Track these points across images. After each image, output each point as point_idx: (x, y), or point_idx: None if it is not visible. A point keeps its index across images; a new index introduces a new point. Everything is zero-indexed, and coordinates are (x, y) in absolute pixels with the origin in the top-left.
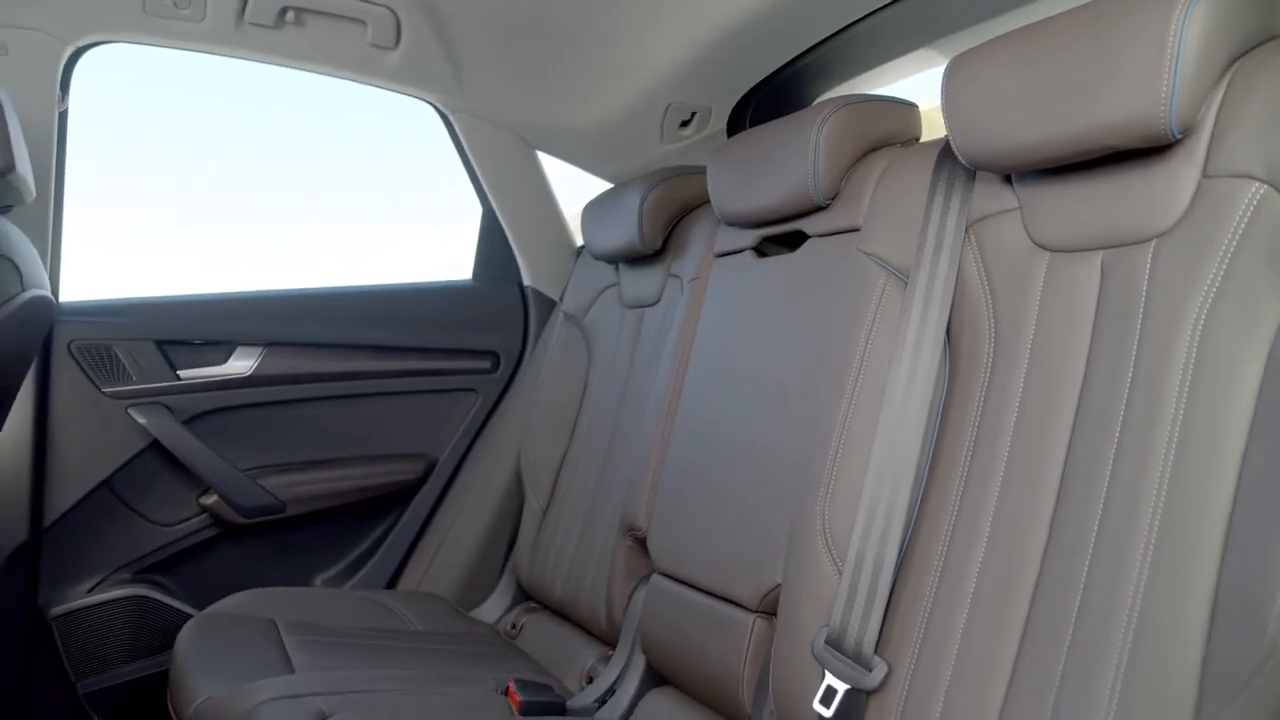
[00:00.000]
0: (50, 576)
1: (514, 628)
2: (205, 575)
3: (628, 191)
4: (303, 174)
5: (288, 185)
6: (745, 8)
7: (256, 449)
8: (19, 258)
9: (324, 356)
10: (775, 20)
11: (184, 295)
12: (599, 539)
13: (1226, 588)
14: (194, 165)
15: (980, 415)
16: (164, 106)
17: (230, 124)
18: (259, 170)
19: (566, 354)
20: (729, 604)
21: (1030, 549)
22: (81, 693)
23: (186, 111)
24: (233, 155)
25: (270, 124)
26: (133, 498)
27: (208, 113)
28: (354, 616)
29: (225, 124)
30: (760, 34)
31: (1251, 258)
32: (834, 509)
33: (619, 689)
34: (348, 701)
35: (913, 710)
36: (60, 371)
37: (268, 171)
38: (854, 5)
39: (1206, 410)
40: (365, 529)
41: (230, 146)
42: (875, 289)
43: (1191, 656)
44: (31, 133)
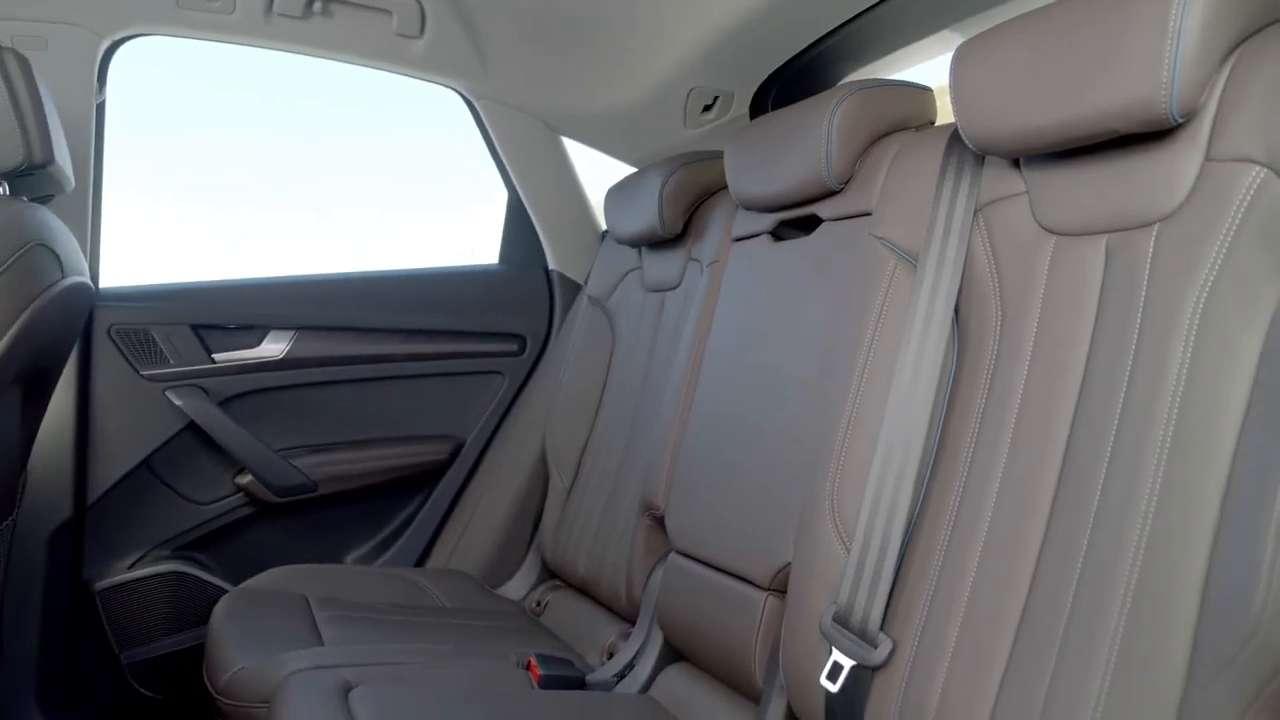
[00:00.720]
0: (94, 552)
1: (539, 605)
2: (241, 552)
3: (649, 176)
4: (308, 156)
5: (295, 167)
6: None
7: (289, 430)
8: (59, 246)
9: (354, 340)
10: (796, 4)
11: (218, 281)
12: (620, 519)
13: (1218, 567)
14: (213, 151)
15: (986, 396)
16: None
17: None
18: (270, 152)
19: (591, 337)
20: (742, 582)
21: (1032, 528)
22: (125, 663)
23: (208, 99)
24: (244, 137)
25: (274, 107)
26: (171, 477)
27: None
28: (383, 593)
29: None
30: (781, 18)
31: (1250, 241)
32: (842, 489)
33: (637, 664)
34: (373, 673)
35: (916, 686)
36: (101, 355)
37: (278, 153)
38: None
39: (1204, 392)
40: (395, 508)
41: (242, 129)
42: (885, 272)
43: (1183, 633)
44: (70, 124)
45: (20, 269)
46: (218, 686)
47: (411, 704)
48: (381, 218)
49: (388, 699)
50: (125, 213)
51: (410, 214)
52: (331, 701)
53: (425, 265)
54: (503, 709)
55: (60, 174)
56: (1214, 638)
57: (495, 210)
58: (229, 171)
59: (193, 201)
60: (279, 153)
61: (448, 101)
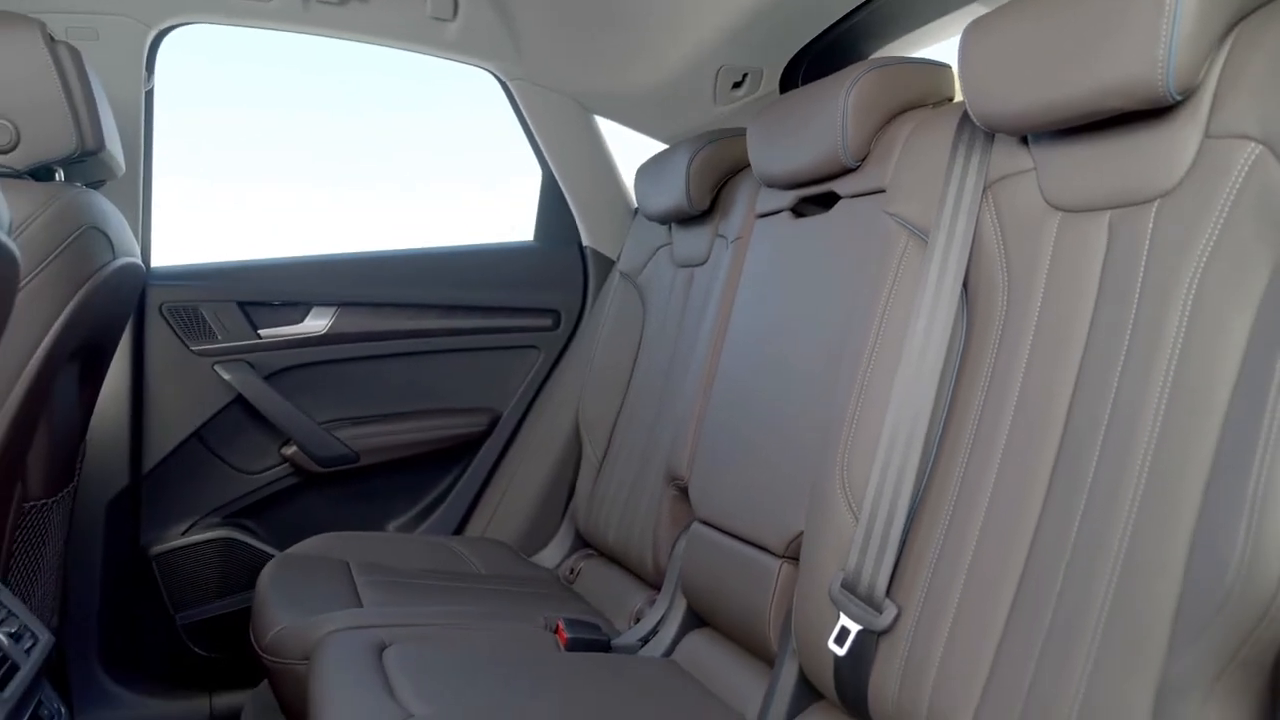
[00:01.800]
0: (150, 519)
1: (572, 573)
2: (287, 519)
3: (677, 153)
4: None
5: (322, 144)
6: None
7: (332, 403)
8: (110, 228)
9: (394, 315)
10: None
11: (264, 259)
12: (648, 489)
13: (1201, 534)
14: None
15: (991, 370)
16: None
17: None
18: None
19: (622, 312)
20: (758, 550)
21: (1031, 498)
22: (180, 623)
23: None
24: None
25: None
26: (221, 448)
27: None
28: (421, 559)
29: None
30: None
31: (1244, 217)
32: (852, 459)
33: (661, 629)
34: (406, 633)
35: (918, 649)
36: (153, 331)
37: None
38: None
39: (1197, 365)
40: (434, 478)
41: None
42: (897, 248)
43: (1167, 603)
44: (121, 111)
45: (74, 251)
46: (262, 644)
47: (441, 662)
48: (430, 193)
49: (419, 657)
50: (171, 194)
51: (457, 188)
52: (366, 659)
53: (462, 243)
54: (528, 669)
55: (111, 160)
56: (1192, 607)
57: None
58: (263, 151)
59: (233, 180)
60: (315, 130)
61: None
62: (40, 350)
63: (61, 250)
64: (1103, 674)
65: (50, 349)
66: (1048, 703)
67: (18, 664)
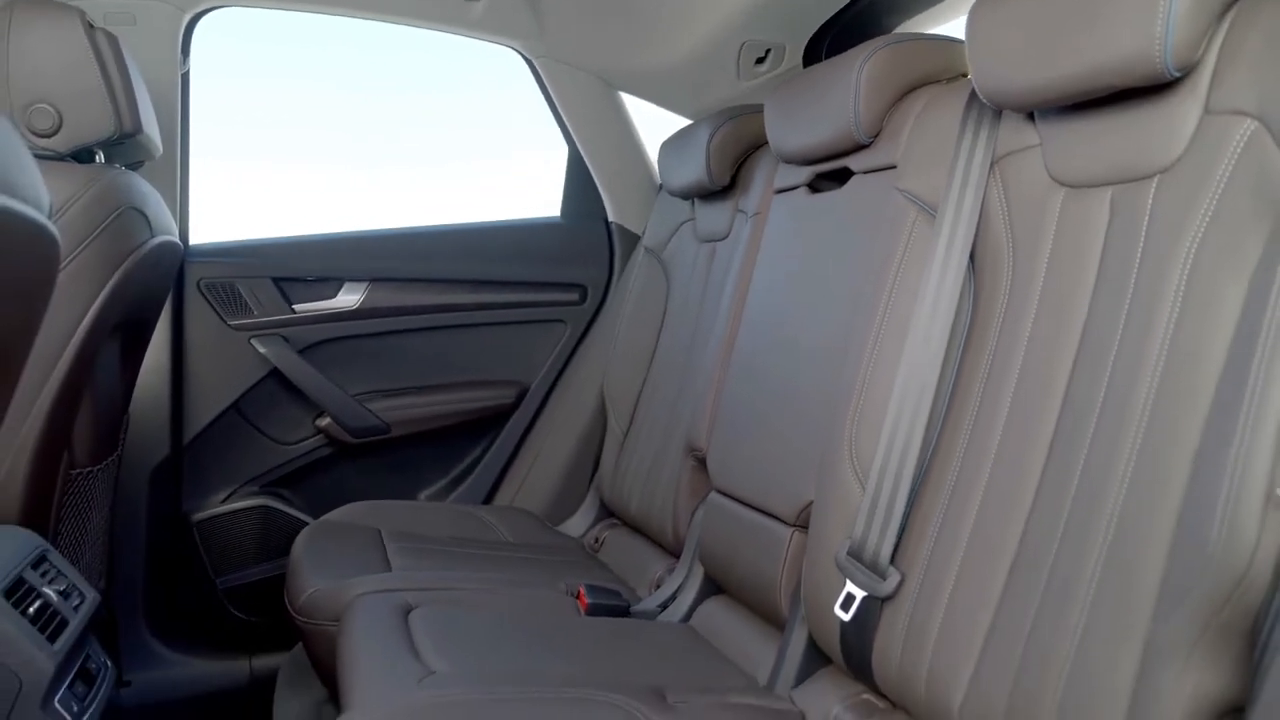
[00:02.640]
0: (191, 487)
1: (597, 541)
2: (321, 489)
3: (698, 129)
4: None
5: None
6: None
7: (364, 376)
8: (148, 208)
9: (424, 290)
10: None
11: (297, 236)
12: (669, 460)
13: (1188, 504)
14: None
15: (996, 342)
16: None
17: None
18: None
19: (647, 286)
20: (771, 518)
21: (1030, 469)
22: (220, 588)
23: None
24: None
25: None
26: (258, 419)
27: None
28: (450, 527)
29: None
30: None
31: (1239, 192)
32: (860, 429)
33: (680, 596)
34: (432, 597)
35: (920, 615)
36: (192, 307)
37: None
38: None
39: (1189, 341)
40: (464, 449)
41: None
42: (906, 223)
43: (1155, 566)
44: (158, 93)
45: (113, 231)
46: (295, 606)
47: (464, 624)
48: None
49: (443, 619)
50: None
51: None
52: (393, 620)
53: (491, 219)
54: (548, 631)
55: (148, 141)
56: (1177, 574)
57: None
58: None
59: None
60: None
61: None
62: (83, 326)
63: (101, 230)
64: (1092, 638)
65: (92, 325)
66: (1041, 665)
67: (67, 619)
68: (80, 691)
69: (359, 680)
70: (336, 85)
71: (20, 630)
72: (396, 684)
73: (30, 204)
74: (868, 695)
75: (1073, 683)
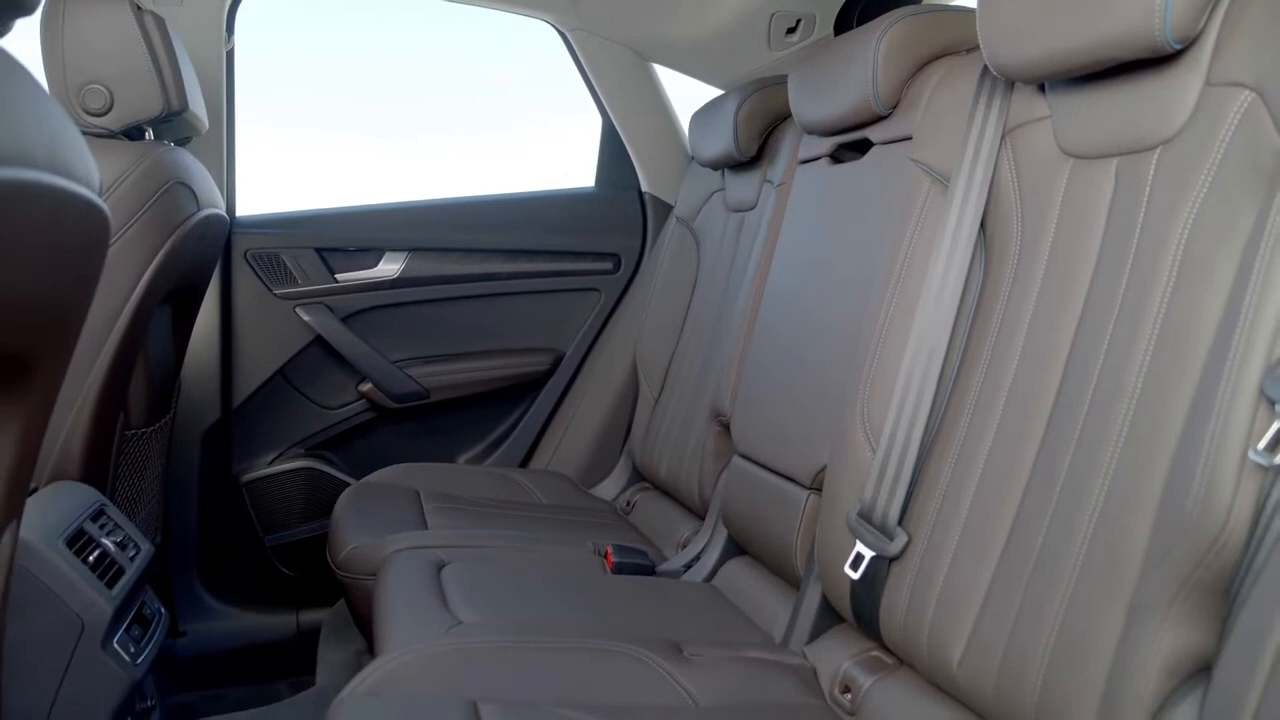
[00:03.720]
0: (240, 450)
1: (628, 504)
2: (364, 452)
3: (727, 100)
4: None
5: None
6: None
7: (404, 343)
8: (195, 182)
9: (462, 260)
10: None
11: (339, 208)
12: (696, 425)
13: (1173, 469)
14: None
15: (1004, 310)
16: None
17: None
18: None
19: (678, 256)
20: (789, 481)
21: (1031, 434)
22: (268, 545)
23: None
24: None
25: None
26: (303, 384)
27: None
28: (486, 489)
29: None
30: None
31: (1235, 165)
32: (872, 395)
33: (704, 556)
34: (464, 554)
35: (924, 575)
36: (239, 276)
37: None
38: None
39: (1183, 310)
40: (501, 414)
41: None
42: (920, 194)
43: (1142, 529)
44: (204, 71)
45: (162, 205)
46: (336, 561)
47: (492, 579)
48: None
49: (473, 574)
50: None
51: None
52: (425, 574)
53: (527, 189)
54: (573, 587)
55: (195, 119)
56: (1161, 532)
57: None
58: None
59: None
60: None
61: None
62: (135, 295)
63: (151, 205)
64: (1082, 597)
65: (144, 294)
66: (1033, 622)
67: (124, 568)
68: (136, 634)
69: (392, 628)
70: (390, 55)
71: (81, 576)
72: (426, 632)
73: (81, 183)
74: (876, 652)
75: (1061, 639)
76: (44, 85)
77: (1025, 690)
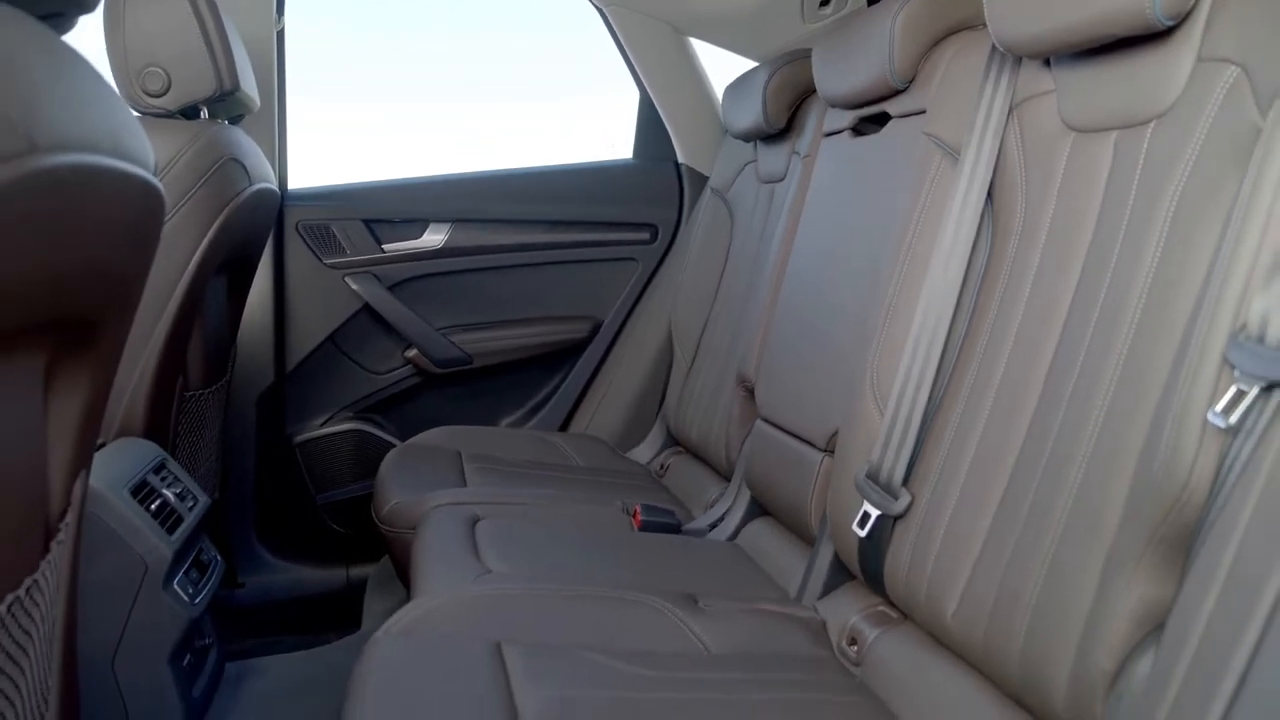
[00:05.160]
0: (293, 412)
1: (662, 468)
2: (410, 415)
3: (757, 73)
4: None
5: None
6: None
7: (448, 310)
8: (246, 158)
9: (504, 230)
10: None
11: (386, 181)
12: (725, 391)
13: (1151, 430)
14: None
15: (1007, 280)
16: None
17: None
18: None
19: (712, 226)
20: (805, 444)
21: (1027, 398)
22: (319, 503)
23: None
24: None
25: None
26: (352, 350)
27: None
28: (525, 451)
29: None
30: None
31: (1220, 138)
32: (882, 360)
33: (728, 517)
34: (498, 510)
35: (925, 532)
36: (291, 247)
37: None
38: None
39: (1168, 278)
40: (541, 380)
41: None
42: (931, 166)
43: (1122, 484)
44: (256, 52)
45: (215, 180)
46: (380, 516)
47: (522, 533)
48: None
49: (505, 529)
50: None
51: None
52: (461, 529)
53: (567, 161)
54: (599, 543)
55: (247, 97)
56: (1135, 494)
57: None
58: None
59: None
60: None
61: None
62: (191, 266)
63: (205, 181)
64: (1065, 552)
65: (199, 264)
66: (1020, 576)
67: (183, 516)
68: (194, 577)
69: (426, 576)
70: (448, 28)
71: (145, 523)
72: (456, 579)
73: (139, 164)
74: (883, 607)
75: (1045, 592)
76: (105, 76)
77: (1011, 638)
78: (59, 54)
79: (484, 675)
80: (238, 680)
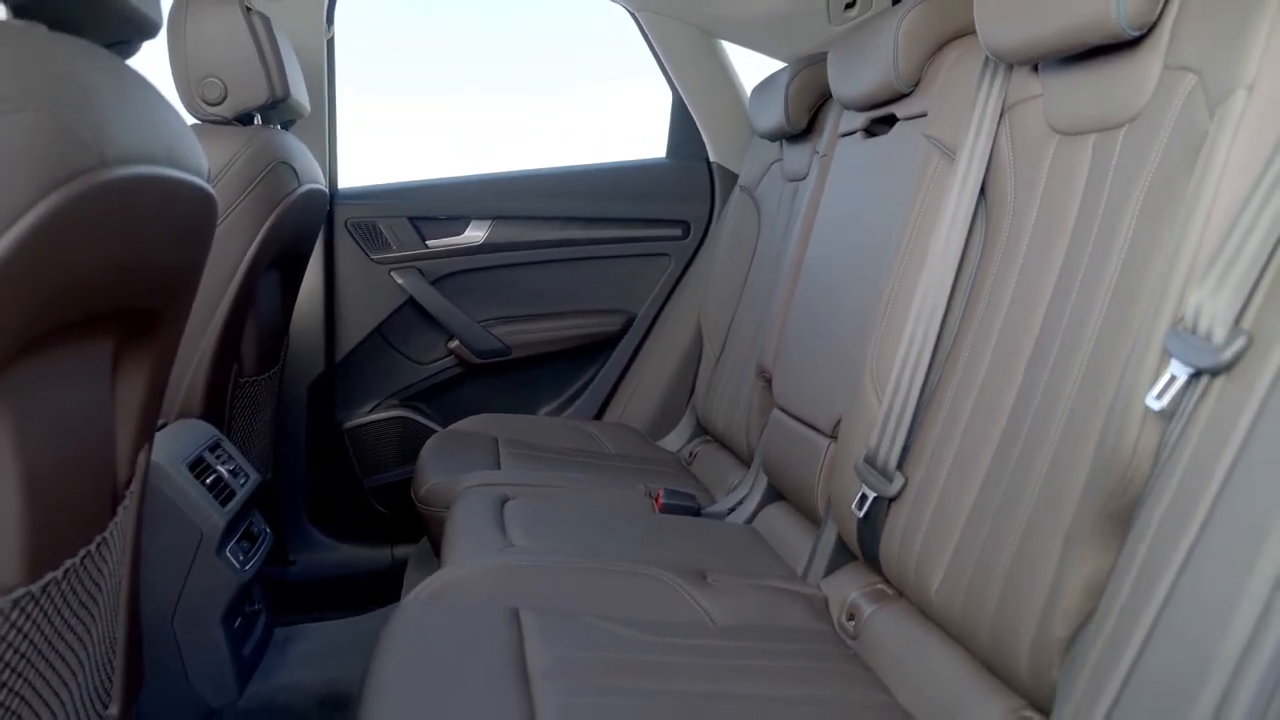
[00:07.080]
0: (342, 400)
1: (691, 456)
2: (451, 403)
3: (781, 75)
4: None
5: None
6: None
7: (489, 304)
8: (297, 161)
9: (542, 227)
10: None
11: (429, 180)
12: (747, 382)
13: (1109, 415)
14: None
15: (996, 275)
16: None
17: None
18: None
19: (741, 223)
20: (814, 431)
21: (1009, 384)
22: (366, 486)
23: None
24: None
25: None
26: (397, 341)
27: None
28: (559, 438)
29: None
30: None
31: (1179, 142)
32: (881, 350)
33: (746, 501)
34: (527, 491)
35: (915, 512)
36: (340, 243)
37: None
38: None
39: (1130, 280)
40: (576, 371)
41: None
42: (930, 166)
43: (1083, 464)
44: (307, 60)
45: (267, 183)
46: (418, 496)
47: (547, 513)
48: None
49: (531, 508)
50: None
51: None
52: (490, 508)
53: (603, 160)
54: (620, 523)
55: (297, 104)
56: (1093, 474)
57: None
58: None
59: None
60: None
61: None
62: (244, 262)
63: (257, 183)
64: (1034, 528)
65: (252, 261)
66: (994, 551)
67: (235, 491)
68: (245, 547)
69: (455, 549)
70: (481, 21)
71: (200, 495)
72: (481, 552)
73: (193, 172)
74: (880, 584)
75: (1015, 565)
76: (162, 93)
77: (984, 608)
78: (124, 78)
79: (501, 636)
80: (284, 643)
